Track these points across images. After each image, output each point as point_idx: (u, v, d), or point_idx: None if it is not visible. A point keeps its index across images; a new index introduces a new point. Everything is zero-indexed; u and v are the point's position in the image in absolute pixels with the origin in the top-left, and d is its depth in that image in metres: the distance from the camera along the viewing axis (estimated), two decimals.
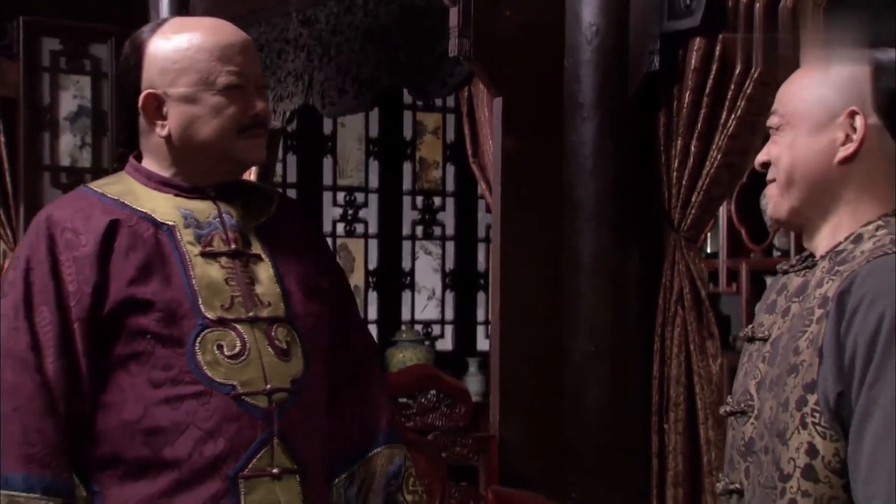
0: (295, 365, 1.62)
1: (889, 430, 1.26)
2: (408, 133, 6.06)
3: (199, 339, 1.55)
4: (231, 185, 1.69)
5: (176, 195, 1.64)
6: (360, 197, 5.99)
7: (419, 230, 6.15)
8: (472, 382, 5.50)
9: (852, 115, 1.38)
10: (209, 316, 1.57)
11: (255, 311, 1.60)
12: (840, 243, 1.39)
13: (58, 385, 1.53)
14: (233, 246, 1.63)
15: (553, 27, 3.11)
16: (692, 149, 2.94)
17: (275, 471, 1.57)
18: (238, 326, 1.58)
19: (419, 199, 6.14)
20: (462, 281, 6.17)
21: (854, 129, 1.38)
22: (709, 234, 4.03)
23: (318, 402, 1.67)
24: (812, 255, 1.45)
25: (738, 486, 1.43)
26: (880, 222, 1.38)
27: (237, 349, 1.56)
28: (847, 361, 1.30)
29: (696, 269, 3.03)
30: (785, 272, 1.47)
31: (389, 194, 6.04)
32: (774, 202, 1.44)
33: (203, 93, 1.58)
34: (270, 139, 5.00)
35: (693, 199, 2.98)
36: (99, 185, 1.67)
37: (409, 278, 6.11)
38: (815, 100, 1.41)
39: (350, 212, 5.94)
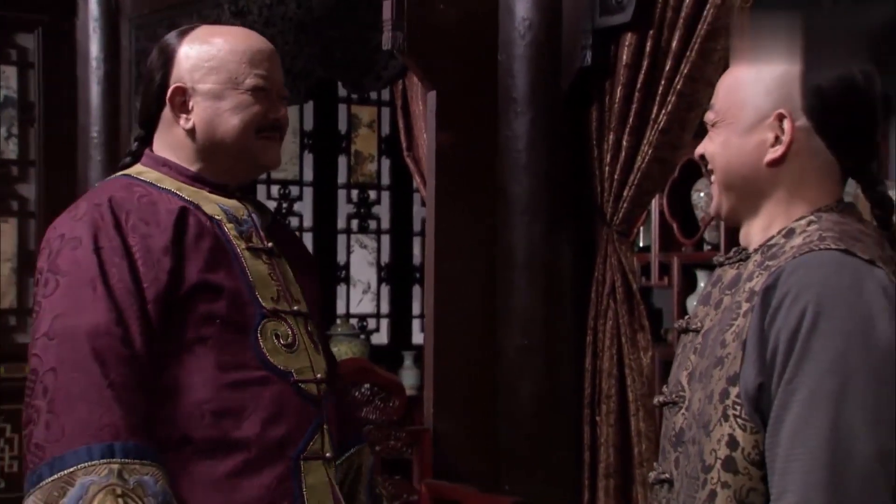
0: (323, 358, 1.74)
1: (805, 424, 1.28)
2: (342, 126, 6.03)
3: (260, 327, 1.62)
4: (246, 188, 1.79)
5: (209, 191, 1.70)
6: (294, 190, 5.95)
7: (354, 224, 6.13)
8: (408, 376, 5.50)
9: (780, 118, 1.39)
10: (265, 306, 1.64)
11: (294, 306, 1.70)
12: (772, 237, 1.41)
13: (145, 359, 1.55)
14: (268, 244, 1.72)
15: (487, 21, 3.12)
16: (624, 143, 2.97)
17: (328, 454, 1.67)
18: (287, 318, 1.67)
19: (354, 193, 6.11)
20: (397, 275, 6.17)
21: (783, 131, 1.40)
22: (641, 228, 4.07)
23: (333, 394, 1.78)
24: (746, 249, 1.47)
25: (668, 475, 1.45)
26: (812, 217, 1.40)
27: (290, 339, 1.65)
28: (769, 355, 1.32)
29: (628, 262, 3.06)
30: (720, 265, 1.49)
31: (324, 188, 6.01)
32: (715, 199, 1.47)
33: (230, 91, 1.66)
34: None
35: (625, 194, 3.00)
36: (139, 174, 1.70)
37: (344, 272, 6.08)
38: (746, 100, 1.42)
39: (284, 205, 5.90)
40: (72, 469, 1.45)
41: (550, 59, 3.06)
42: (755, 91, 1.41)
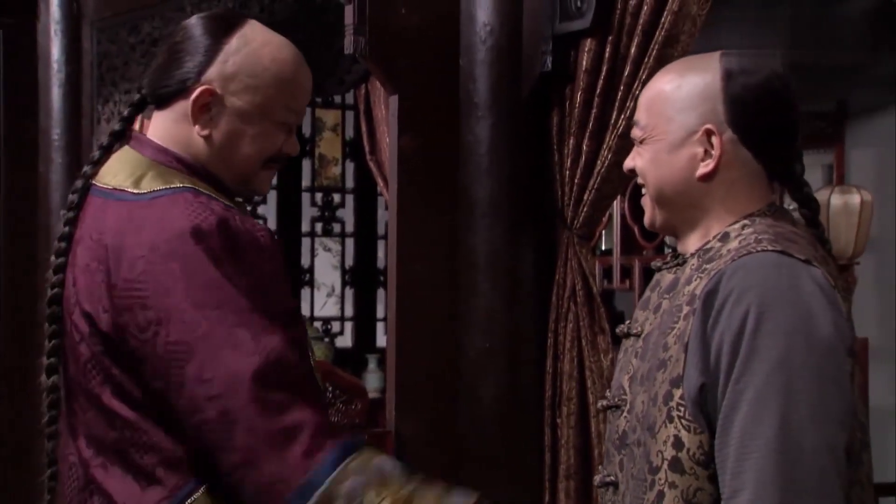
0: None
1: (755, 423, 1.31)
2: (307, 130, 6.03)
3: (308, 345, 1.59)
4: None
5: (228, 199, 1.60)
6: None
7: (318, 227, 6.13)
8: (372, 379, 5.52)
9: (708, 133, 1.43)
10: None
11: None
12: (708, 241, 1.45)
13: None
14: None
15: (448, 26, 3.14)
16: (584, 148, 2.99)
17: None
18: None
19: (318, 196, 6.11)
20: (362, 278, 6.17)
21: (712, 146, 1.43)
22: (604, 232, 4.11)
23: None
24: (683, 254, 1.50)
25: (613, 478, 1.47)
26: (746, 221, 1.44)
27: (314, 358, 1.63)
28: (713, 357, 1.35)
29: (589, 265, 3.09)
30: (658, 269, 1.52)
31: (288, 191, 6.00)
32: (648, 213, 1.51)
33: (258, 117, 1.55)
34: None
35: (585, 198, 3.03)
36: (195, 185, 1.55)
37: (308, 275, 6.08)
38: (672, 116, 1.45)
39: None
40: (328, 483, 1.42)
41: (511, 64, 3.08)
42: (681, 107, 1.44)
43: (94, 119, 4.58)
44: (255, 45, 1.56)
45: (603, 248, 4.18)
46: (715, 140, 1.42)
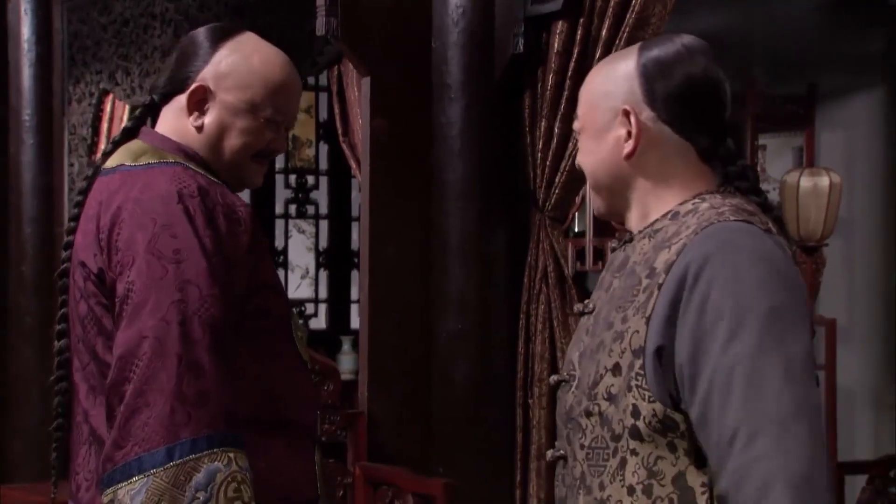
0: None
1: (757, 389, 1.32)
2: None
3: (291, 318, 1.70)
4: None
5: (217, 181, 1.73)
6: None
7: (292, 209, 6.12)
8: (346, 361, 5.52)
9: (626, 113, 1.47)
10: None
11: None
12: (657, 221, 1.47)
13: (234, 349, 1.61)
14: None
15: (421, 8, 3.14)
16: (556, 130, 3.01)
17: (322, 438, 1.77)
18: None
19: (292, 178, 6.10)
20: (336, 260, 6.17)
21: (632, 125, 1.46)
22: (577, 214, 4.12)
23: None
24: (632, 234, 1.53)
25: (562, 452, 1.50)
26: (696, 200, 1.46)
27: (300, 332, 1.73)
28: (690, 327, 1.36)
29: (560, 247, 3.11)
30: (613, 250, 1.55)
31: None
32: (594, 203, 1.55)
33: (247, 113, 1.71)
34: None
35: (557, 180, 3.05)
36: (186, 162, 1.69)
37: (282, 257, 6.07)
38: (597, 103, 1.50)
39: None
40: (199, 455, 1.49)
41: (484, 47, 3.09)
42: (603, 93, 1.49)
43: (64, 99, 4.55)
44: (247, 50, 1.74)
45: (576, 229, 4.20)
46: (633, 119, 1.45)
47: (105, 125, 4.50)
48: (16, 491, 3.98)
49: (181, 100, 1.72)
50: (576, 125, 1.54)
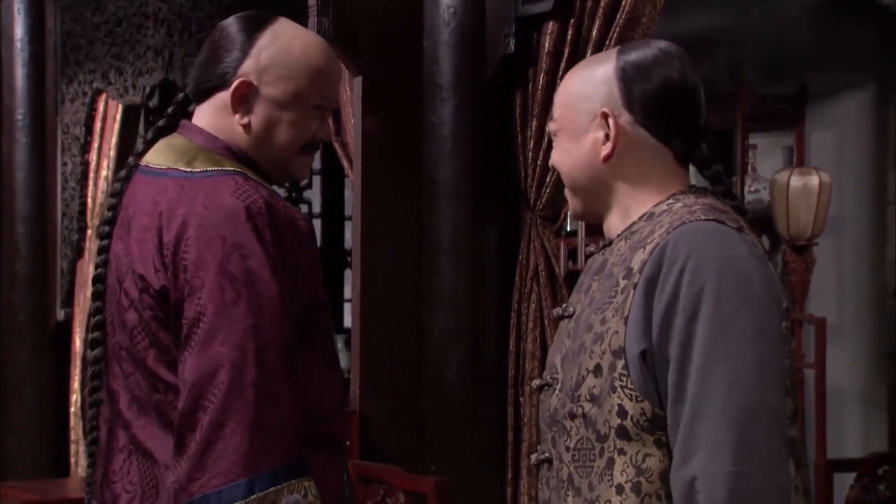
0: None
1: (704, 389, 1.35)
2: None
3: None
4: None
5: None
6: None
7: None
8: (340, 359, 5.53)
9: (605, 116, 1.48)
10: None
11: None
12: (634, 223, 1.49)
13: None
14: None
15: (412, 8, 3.15)
16: (547, 130, 3.02)
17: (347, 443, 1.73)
18: None
19: None
20: (329, 258, 6.18)
21: (610, 128, 1.48)
22: (569, 214, 4.14)
23: None
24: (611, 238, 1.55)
25: (546, 455, 1.51)
26: (670, 200, 1.49)
27: (336, 343, 1.70)
28: (657, 325, 1.38)
29: (551, 246, 3.13)
30: (591, 254, 1.57)
31: None
32: (570, 203, 1.56)
33: (293, 104, 1.64)
34: (131, 115, 4.92)
35: (548, 179, 3.06)
36: (244, 171, 1.63)
37: None
38: (575, 105, 1.52)
39: None
40: (279, 487, 1.48)
41: (475, 46, 3.10)
42: (582, 95, 1.51)
43: (58, 98, 4.57)
44: (286, 38, 1.66)
45: (568, 229, 4.22)
46: (611, 122, 1.47)
47: (98, 124, 4.51)
48: (10, 489, 3.99)
49: (223, 97, 1.64)
50: (551, 126, 1.56)
